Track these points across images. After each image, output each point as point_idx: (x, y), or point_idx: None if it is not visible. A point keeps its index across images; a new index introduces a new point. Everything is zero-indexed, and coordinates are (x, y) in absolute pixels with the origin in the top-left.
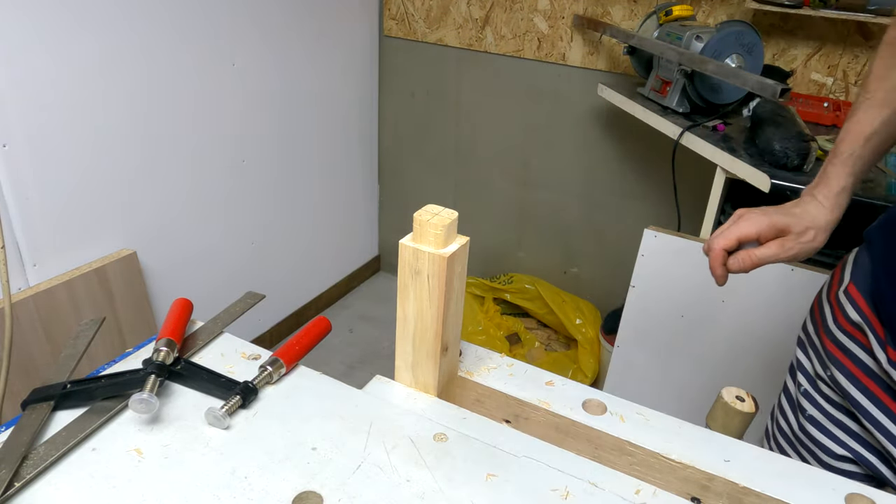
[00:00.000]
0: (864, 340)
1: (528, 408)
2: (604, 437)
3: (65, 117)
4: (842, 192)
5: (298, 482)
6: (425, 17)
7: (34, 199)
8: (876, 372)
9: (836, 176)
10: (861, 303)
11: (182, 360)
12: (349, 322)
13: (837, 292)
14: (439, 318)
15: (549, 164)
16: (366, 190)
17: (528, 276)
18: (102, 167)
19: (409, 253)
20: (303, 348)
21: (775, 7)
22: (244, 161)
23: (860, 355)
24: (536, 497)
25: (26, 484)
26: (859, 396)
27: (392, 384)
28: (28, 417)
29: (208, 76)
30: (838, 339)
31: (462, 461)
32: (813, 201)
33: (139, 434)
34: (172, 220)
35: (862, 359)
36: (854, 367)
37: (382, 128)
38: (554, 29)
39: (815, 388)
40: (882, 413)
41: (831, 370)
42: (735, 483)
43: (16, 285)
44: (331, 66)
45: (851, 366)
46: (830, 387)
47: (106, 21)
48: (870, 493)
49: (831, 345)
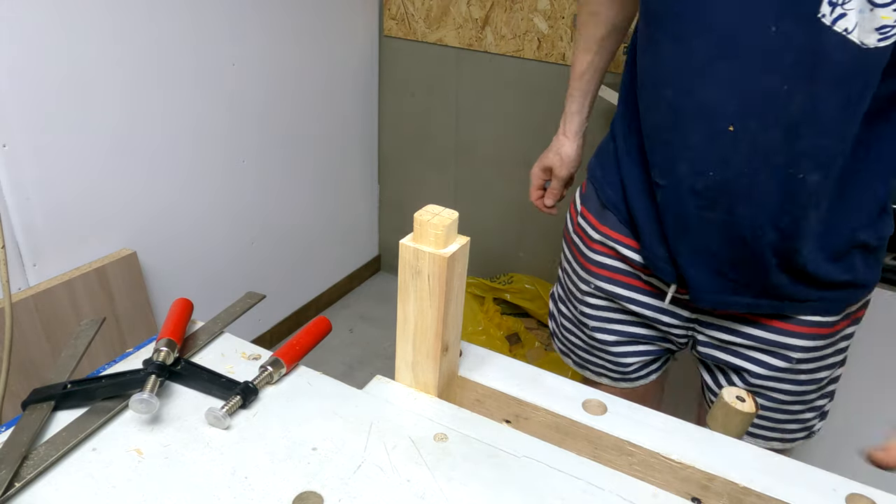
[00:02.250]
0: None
1: (528, 408)
2: (604, 437)
3: (65, 117)
4: (573, 115)
5: (298, 482)
6: (425, 17)
7: (34, 199)
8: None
9: (568, 105)
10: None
11: (182, 360)
12: (349, 322)
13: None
14: (439, 318)
15: None
16: (366, 190)
17: (528, 276)
18: (102, 167)
19: (409, 253)
20: (303, 348)
21: None
22: (244, 161)
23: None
24: (536, 497)
25: (26, 484)
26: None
27: (392, 384)
28: (28, 417)
29: (208, 76)
30: (591, 258)
31: (462, 461)
32: (556, 137)
33: (139, 434)
34: (172, 220)
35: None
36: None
37: (382, 128)
38: (554, 29)
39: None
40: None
41: (595, 282)
42: (735, 483)
43: (16, 285)
44: (331, 66)
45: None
46: (596, 295)
47: (105, 21)
48: (870, 493)
49: (587, 264)
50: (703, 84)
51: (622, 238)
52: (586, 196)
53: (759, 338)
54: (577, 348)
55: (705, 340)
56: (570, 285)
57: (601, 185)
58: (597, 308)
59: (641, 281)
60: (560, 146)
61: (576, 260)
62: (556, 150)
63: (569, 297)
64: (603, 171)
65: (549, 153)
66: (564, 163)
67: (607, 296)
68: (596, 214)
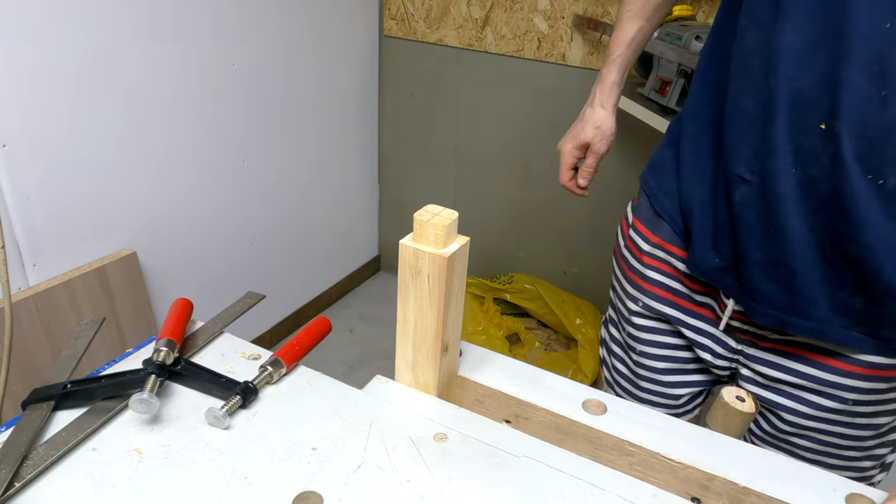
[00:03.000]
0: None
1: (528, 408)
2: (604, 437)
3: (65, 117)
4: (613, 85)
5: (298, 482)
6: (425, 17)
7: (34, 199)
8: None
9: (608, 74)
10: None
11: (182, 360)
12: (349, 322)
13: (630, 235)
14: (439, 318)
15: (549, 164)
16: (366, 190)
17: (528, 276)
18: (102, 167)
19: (409, 253)
20: (303, 348)
21: None
22: (244, 161)
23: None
24: (536, 497)
25: (26, 484)
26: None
27: (392, 384)
28: (28, 417)
29: (208, 76)
30: (641, 272)
31: (462, 461)
32: (590, 108)
33: (139, 434)
34: (172, 220)
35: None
36: (658, 290)
37: (382, 128)
38: (554, 29)
39: (633, 325)
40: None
41: (643, 300)
42: (735, 483)
43: (16, 285)
44: (331, 66)
45: (658, 290)
46: (643, 314)
47: (106, 21)
48: (870, 493)
49: (637, 279)
50: (803, 72)
51: (676, 250)
52: (638, 208)
53: (810, 376)
54: (623, 377)
55: (749, 376)
56: (620, 305)
57: (655, 195)
58: (645, 330)
59: (693, 303)
60: (597, 118)
61: (625, 276)
62: (593, 123)
63: (619, 318)
64: (658, 181)
65: (584, 126)
66: (605, 136)
67: (657, 315)
68: (648, 224)
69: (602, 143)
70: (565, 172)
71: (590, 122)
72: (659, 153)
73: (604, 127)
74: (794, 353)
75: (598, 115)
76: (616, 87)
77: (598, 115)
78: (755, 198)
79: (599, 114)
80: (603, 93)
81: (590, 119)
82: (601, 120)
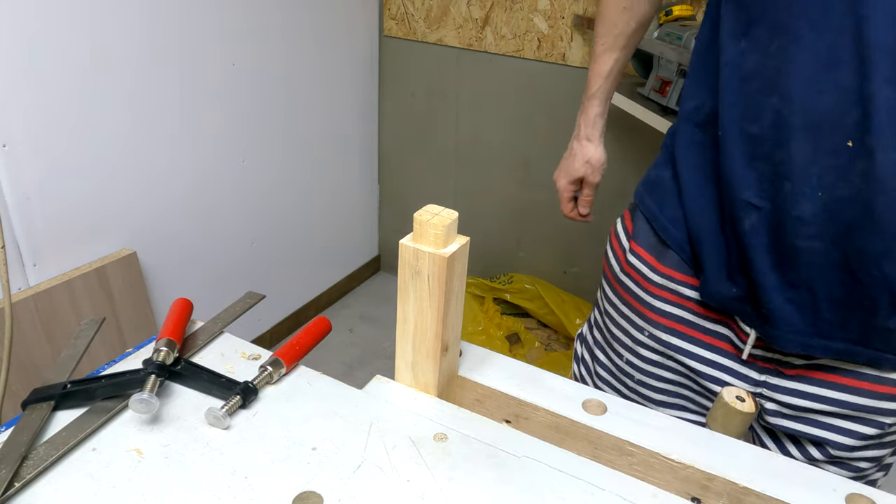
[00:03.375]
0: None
1: (528, 408)
2: (604, 437)
3: (65, 117)
4: (597, 117)
5: (298, 482)
6: (425, 17)
7: (34, 199)
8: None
9: (590, 107)
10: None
11: (182, 360)
12: (349, 322)
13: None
14: (439, 318)
15: (549, 164)
16: (366, 190)
17: (528, 276)
18: (102, 167)
19: (409, 253)
20: (303, 348)
21: None
22: (244, 161)
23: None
24: (536, 497)
25: (26, 484)
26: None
27: (392, 384)
28: (28, 417)
29: (208, 76)
30: (648, 303)
31: (462, 461)
32: (577, 142)
33: (139, 434)
34: (172, 220)
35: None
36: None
37: (382, 128)
38: (554, 29)
39: (636, 355)
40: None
41: (650, 330)
42: (735, 483)
43: (16, 285)
44: (331, 66)
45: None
46: (650, 346)
47: (106, 21)
48: (870, 493)
49: (643, 309)
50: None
51: (685, 278)
52: (637, 232)
53: (845, 402)
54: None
55: (775, 409)
56: (616, 330)
57: (659, 222)
58: (646, 361)
59: (706, 333)
60: (586, 153)
61: (625, 303)
62: (582, 158)
63: (609, 344)
64: (659, 206)
65: (574, 163)
66: (596, 169)
67: (663, 347)
68: (654, 252)
69: (594, 175)
70: (565, 205)
71: (579, 157)
72: (656, 171)
73: (593, 160)
74: (824, 378)
75: (586, 150)
76: (600, 118)
77: (586, 150)
78: (768, 223)
79: (587, 148)
80: (588, 126)
81: (579, 154)
82: (590, 153)
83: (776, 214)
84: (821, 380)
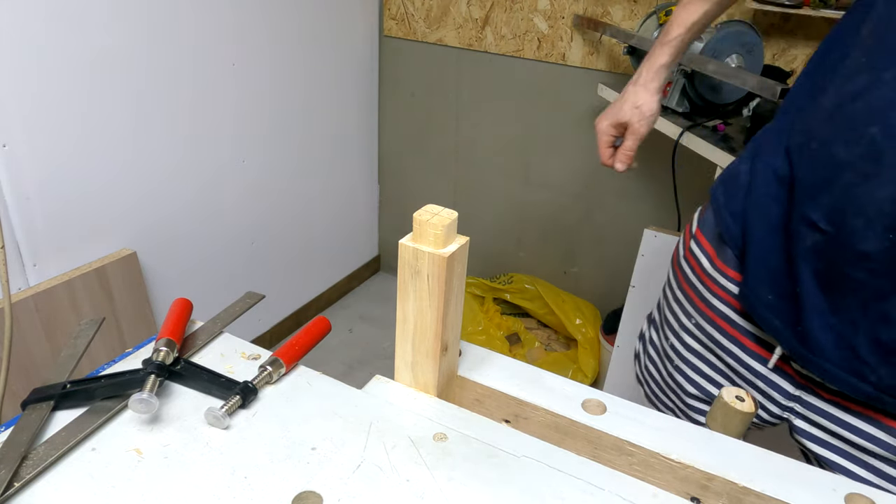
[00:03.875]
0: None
1: (528, 408)
2: (603, 437)
3: (65, 117)
4: (661, 67)
5: (298, 482)
6: (425, 17)
7: (34, 199)
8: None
9: (659, 55)
10: (711, 253)
11: (182, 360)
12: (349, 322)
13: (690, 247)
14: (439, 318)
15: (549, 164)
16: (366, 190)
17: (528, 276)
18: (102, 167)
19: (409, 253)
20: (303, 348)
21: (775, 7)
22: (244, 161)
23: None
24: (536, 497)
25: (26, 484)
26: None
27: (392, 384)
28: (28, 417)
29: (208, 76)
30: (700, 292)
31: (462, 461)
32: (632, 86)
33: (139, 434)
34: (172, 221)
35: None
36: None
37: (382, 128)
38: (554, 29)
39: (680, 340)
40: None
41: (697, 318)
42: (735, 483)
43: (16, 285)
44: (331, 66)
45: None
46: (694, 335)
47: (106, 21)
48: (869, 493)
49: (695, 297)
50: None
51: (738, 277)
52: (704, 220)
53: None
54: (653, 381)
55: (805, 429)
56: (668, 313)
57: (720, 213)
58: (688, 349)
59: (750, 338)
60: (638, 98)
61: (680, 288)
62: (632, 103)
63: (661, 324)
64: (727, 198)
65: (623, 105)
66: (645, 117)
67: (706, 339)
68: (714, 244)
69: (642, 125)
70: (604, 150)
71: (629, 101)
72: (736, 164)
73: (644, 107)
74: (859, 410)
75: (639, 95)
76: (664, 69)
77: (639, 95)
78: (828, 247)
79: (640, 94)
80: (649, 71)
81: (630, 98)
82: (643, 100)
83: (839, 243)
84: (855, 410)
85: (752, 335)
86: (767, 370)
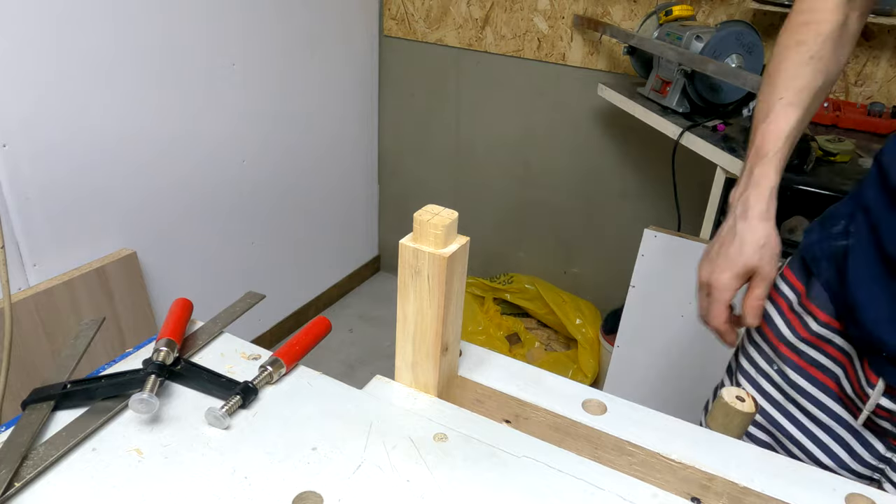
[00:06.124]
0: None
1: (528, 408)
2: (604, 437)
3: (65, 117)
4: (772, 192)
5: (298, 482)
6: (425, 16)
7: (34, 199)
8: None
9: (764, 176)
10: (800, 289)
11: (182, 360)
12: (349, 322)
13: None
14: (439, 318)
15: (549, 164)
16: (366, 190)
17: (528, 276)
18: (102, 167)
19: (409, 253)
20: (303, 348)
21: (775, 7)
22: (244, 161)
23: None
24: (536, 497)
25: (26, 484)
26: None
27: (392, 384)
28: (28, 417)
29: (208, 77)
30: (798, 349)
31: (462, 461)
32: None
33: (139, 434)
34: (172, 220)
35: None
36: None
37: (382, 128)
38: (554, 29)
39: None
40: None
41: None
42: (735, 483)
43: (16, 285)
44: (331, 66)
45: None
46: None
47: (106, 21)
48: (870, 493)
49: (790, 352)
50: None
51: (830, 321)
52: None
53: None
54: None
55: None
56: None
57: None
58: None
59: (838, 385)
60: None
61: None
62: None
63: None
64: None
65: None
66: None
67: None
68: (802, 280)
69: (772, 267)
70: (722, 311)
71: (749, 242)
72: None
73: (771, 243)
74: None
75: (759, 232)
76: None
77: (759, 232)
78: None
79: (761, 229)
80: (761, 200)
81: (748, 237)
82: (766, 236)
83: None
84: None
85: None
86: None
